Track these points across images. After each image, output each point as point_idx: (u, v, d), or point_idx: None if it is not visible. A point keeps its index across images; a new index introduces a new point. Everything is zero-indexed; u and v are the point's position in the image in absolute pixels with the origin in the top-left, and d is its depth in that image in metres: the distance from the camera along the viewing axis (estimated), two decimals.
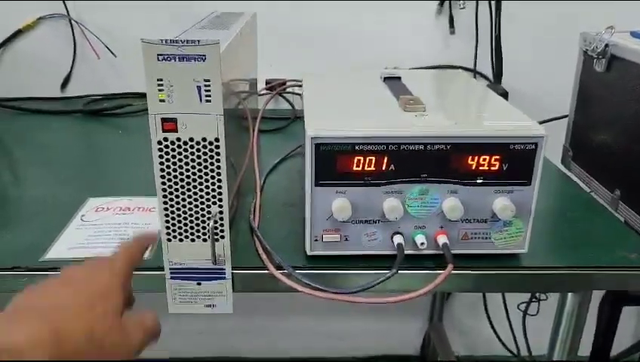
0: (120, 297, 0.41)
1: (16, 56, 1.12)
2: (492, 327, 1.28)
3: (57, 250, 0.58)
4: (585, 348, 0.73)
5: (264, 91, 1.07)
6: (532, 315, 1.15)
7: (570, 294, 0.68)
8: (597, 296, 0.72)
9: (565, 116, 0.90)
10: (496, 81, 1.09)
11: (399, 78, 0.73)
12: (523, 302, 1.16)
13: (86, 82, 1.14)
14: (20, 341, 0.33)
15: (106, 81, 1.13)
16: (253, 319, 1.35)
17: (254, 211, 0.67)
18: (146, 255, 0.58)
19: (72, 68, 1.13)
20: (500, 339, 1.29)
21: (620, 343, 0.86)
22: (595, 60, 0.78)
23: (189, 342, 1.38)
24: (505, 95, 1.02)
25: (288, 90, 1.09)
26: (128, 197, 0.70)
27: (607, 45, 0.75)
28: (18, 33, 1.10)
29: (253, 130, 0.85)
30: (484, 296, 1.28)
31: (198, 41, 0.46)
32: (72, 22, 1.09)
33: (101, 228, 0.63)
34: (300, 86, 0.89)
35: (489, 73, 1.11)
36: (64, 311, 0.37)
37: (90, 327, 0.37)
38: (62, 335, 0.35)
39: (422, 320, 1.40)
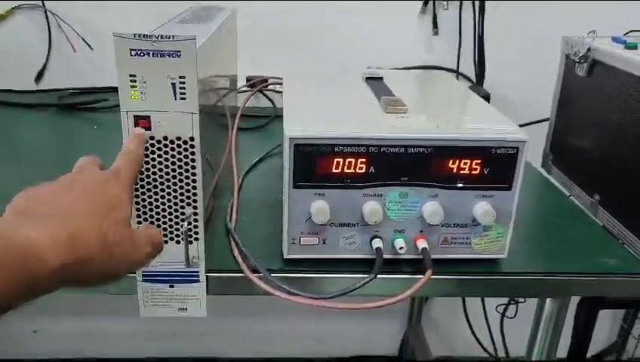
0: (129, 208, 0.42)
1: None
2: (470, 329, 1.28)
3: None
4: (560, 348, 0.73)
5: (244, 88, 1.06)
6: (510, 318, 1.15)
7: (548, 299, 0.68)
8: (575, 298, 0.72)
9: (546, 119, 0.90)
10: (478, 83, 1.09)
11: (381, 78, 0.72)
12: (501, 304, 1.16)
13: (61, 75, 1.11)
14: (42, 241, 0.33)
15: (81, 74, 1.10)
16: (229, 320, 1.33)
17: (231, 212, 0.65)
18: None
19: (47, 60, 1.10)
20: (478, 341, 1.29)
21: (594, 343, 0.87)
22: (576, 64, 0.78)
23: (164, 344, 1.36)
24: (487, 97, 1.02)
25: (269, 87, 1.07)
26: None
27: (589, 50, 0.75)
28: None
29: (232, 128, 0.83)
30: (463, 299, 1.28)
31: (173, 36, 0.44)
32: (48, 12, 1.06)
33: None
34: (282, 84, 0.88)
35: (472, 75, 1.11)
36: (79, 217, 0.37)
37: (104, 234, 0.37)
38: (77, 240, 0.35)
39: (400, 322, 1.40)
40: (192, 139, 0.48)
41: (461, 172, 0.53)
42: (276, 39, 1.09)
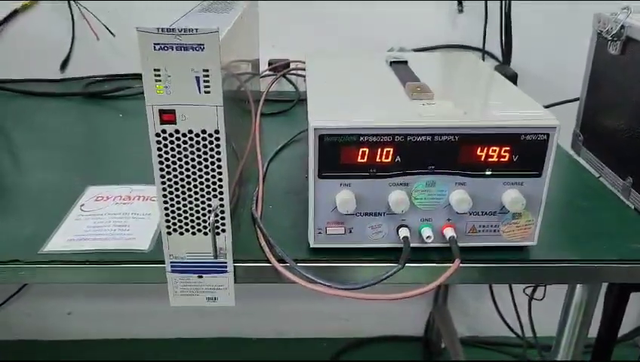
0: None
1: (14, 37, 1.09)
2: (497, 310, 1.27)
3: (56, 242, 0.57)
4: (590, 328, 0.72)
5: (267, 73, 1.05)
6: (538, 300, 1.13)
7: (579, 285, 0.67)
8: None
9: (576, 99, 0.88)
10: (505, 62, 1.06)
11: (406, 62, 0.71)
12: (529, 286, 1.15)
13: (86, 63, 1.12)
14: None
15: (105, 61, 1.11)
16: (257, 300, 1.35)
17: (257, 200, 0.65)
18: (146, 246, 0.57)
19: (71, 49, 1.11)
20: (505, 322, 1.28)
21: (622, 325, 0.86)
22: (609, 42, 0.75)
23: (192, 323, 1.39)
24: (514, 77, 1.00)
25: (292, 71, 1.06)
26: (129, 186, 0.68)
27: (622, 27, 0.72)
28: (14, 14, 1.07)
29: (256, 115, 0.83)
30: None
31: (196, 29, 0.44)
32: (70, 1, 1.06)
33: (101, 218, 0.62)
34: (304, 68, 0.86)
35: (498, 53, 1.08)
36: None
37: None
38: None
39: (426, 303, 1.40)
40: (217, 132, 0.48)
41: (489, 159, 0.52)
42: (297, 21, 1.08)
